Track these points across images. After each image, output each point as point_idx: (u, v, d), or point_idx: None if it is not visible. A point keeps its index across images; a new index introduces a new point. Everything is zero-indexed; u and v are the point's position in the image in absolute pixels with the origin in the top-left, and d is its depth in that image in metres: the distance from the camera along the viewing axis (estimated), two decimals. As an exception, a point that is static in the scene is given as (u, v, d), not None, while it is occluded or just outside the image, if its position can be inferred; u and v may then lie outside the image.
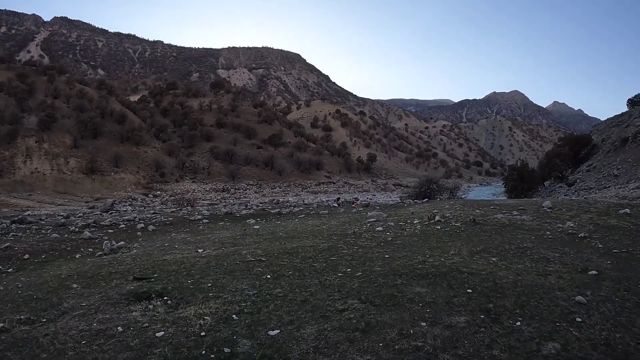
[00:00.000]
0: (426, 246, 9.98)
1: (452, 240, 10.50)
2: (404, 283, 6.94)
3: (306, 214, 20.19)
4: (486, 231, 11.47)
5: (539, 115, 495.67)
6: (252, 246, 10.93)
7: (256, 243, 11.48)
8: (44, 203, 51.68)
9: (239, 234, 14.04)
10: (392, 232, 12.16)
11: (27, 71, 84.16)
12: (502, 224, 12.28)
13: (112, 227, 17.28)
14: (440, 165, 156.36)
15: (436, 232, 11.74)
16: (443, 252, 9.06)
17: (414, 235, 11.52)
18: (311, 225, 14.92)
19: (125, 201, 54.47)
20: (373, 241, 10.97)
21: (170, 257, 10.00)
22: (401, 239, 11.19)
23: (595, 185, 33.56)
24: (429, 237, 11.09)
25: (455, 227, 12.11)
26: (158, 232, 16.05)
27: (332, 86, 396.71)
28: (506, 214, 13.64)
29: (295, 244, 10.81)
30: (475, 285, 6.67)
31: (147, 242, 13.76)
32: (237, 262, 8.77)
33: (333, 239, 11.34)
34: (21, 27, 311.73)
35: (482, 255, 8.69)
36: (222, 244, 11.74)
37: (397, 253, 9.29)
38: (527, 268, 7.75)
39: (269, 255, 9.41)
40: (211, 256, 9.63)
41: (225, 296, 6.66)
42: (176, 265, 8.82)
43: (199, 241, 12.82)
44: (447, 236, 11.08)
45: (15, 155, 59.81)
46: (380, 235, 11.70)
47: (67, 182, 59.20)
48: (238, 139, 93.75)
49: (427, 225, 12.72)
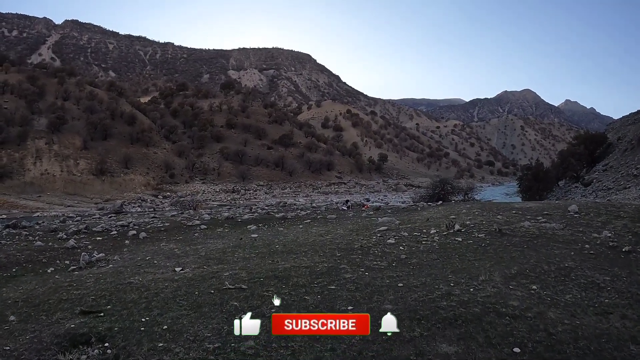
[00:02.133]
0: (448, 267, 8.33)
1: (479, 259, 8.82)
2: (424, 335, 5.27)
3: (312, 219, 18.56)
4: (516, 245, 9.81)
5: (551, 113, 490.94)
6: (239, 264, 9.32)
7: (245, 260, 9.86)
8: (54, 204, 51.60)
9: (232, 244, 12.49)
10: (407, 246, 10.34)
11: (38, 73, 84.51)
12: (532, 235, 10.67)
13: (103, 233, 16.37)
14: (452, 165, 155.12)
15: (457, 246, 10.03)
16: (471, 278, 7.41)
17: (432, 251, 9.75)
18: (315, 234, 13.26)
19: (134, 202, 54.21)
20: (383, 260, 9.10)
21: (139, 278, 8.51)
22: (417, 256, 9.37)
23: (614, 185, 32.61)
24: (450, 254, 9.33)
25: (479, 240, 10.44)
26: (148, 241, 14.74)
27: (343, 86, 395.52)
28: (532, 222, 12.07)
29: (289, 262, 9.12)
30: (523, 339, 5.08)
31: (129, 253, 12.53)
32: (212, 291, 7.14)
33: (336, 256, 9.49)
34: (32, 31, 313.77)
35: (519, 282, 7.16)
36: (207, 260, 10.24)
37: (414, 279, 7.58)
38: (578, 301, 6.33)
39: (253, 280, 7.71)
40: (185, 279, 8.08)
41: (177, 350, 5.15)
42: (139, 292, 7.35)
43: (184, 254, 11.51)
44: (471, 252, 9.42)
45: (25, 157, 59.88)
46: (393, 251, 9.91)
47: (77, 184, 59.14)
48: (248, 139, 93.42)
49: (446, 237, 11.02)
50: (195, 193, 64.15)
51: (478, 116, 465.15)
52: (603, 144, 50.97)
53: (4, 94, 71.67)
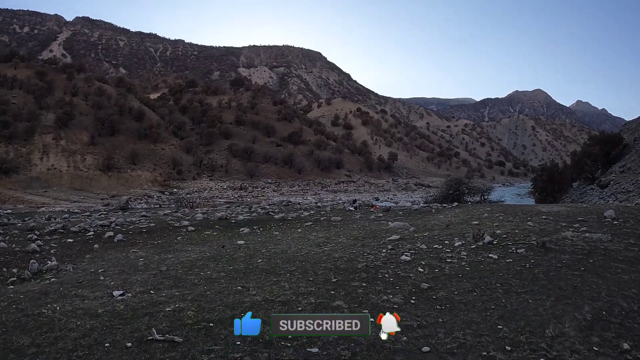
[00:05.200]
0: (493, 308, 5.92)
1: (531, 291, 6.51)
2: None
3: (314, 221, 16.70)
4: (569, 266, 7.67)
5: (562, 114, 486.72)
6: (196, 291, 7.09)
7: (208, 283, 7.62)
8: (59, 200, 51.13)
9: (209, 254, 10.61)
10: (427, 267, 7.95)
11: (47, 69, 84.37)
12: (582, 250, 8.65)
13: (79, 234, 14.80)
14: (462, 164, 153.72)
15: (495, 267, 7.76)
16: (532, 332, 5.15)
17: (462, 276, 7.33)
18: (312, 243, 11.16)
19: (140, 199, 53.70)
20: (397, 291, 6.66)
21: (56, 307, 6.56)
22: (444, 284, 6.96)
23: (635, 188, 31.39)
24: (489, 282, 6.98)
25: (520, 257, 8.26)
26: (120, 245, 13.03)
27: (353, 84, 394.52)
28: (573, 231, 10.25)
29: (263, 291, 6.84)
30: None
31: (88, 262, 10.69)
32: (129, 344, 4.96)
33: (330, 283, 7.17)
34: (43, 27, 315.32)
35: (602, 337, 5.07)
36: (162, 280, 8.08)
37: (445, 334, 5.15)
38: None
39: (198, 325, 5.48)
40: (111, 314, 6.05)
41: None
42: (35, 334, 5.41)
43: (144, 267, 9.47)
44: (516, 278, 7.12)
45: (32, 152, 59.50)
46: (409, 274, 7.52)
47: (84, 179, 58.67)
48: (257, 136, 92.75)
49: (476, 252, 8.79)
50: (202, 190, 63.55)
51: (489, 116, 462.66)
52: (619, 144, 49.70)
53: (13, 89, 71.40)
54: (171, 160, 71.31)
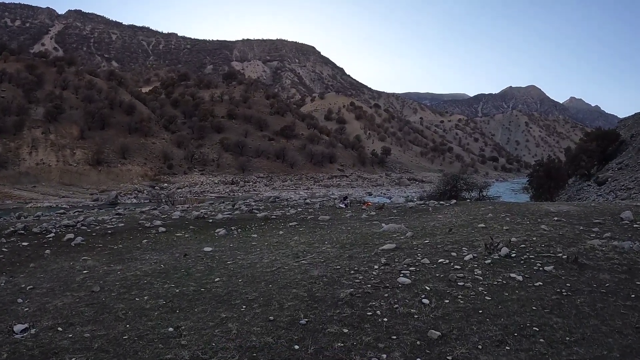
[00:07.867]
0: None
1: (584, 340, 4.59)
2: None
3: (300, 221, 15.13)
4: (617, 293, 5.83)
5: (556, 110, 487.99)
6: (110, 334, 5.15)
7: (136, 318, 5.67)
8: (48, 195, 50.27)
9: (164, 266, 8.76)
10: (434, 297, 5.91)
11: (37, 62, 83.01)
12: (622, 267, 6.86)
13: (38, 236, 13.03)
14: (456, 159, 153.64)
15: (525, 297, 5.76)
16: None
17: (483, 312, 5.32)
18: (288, 253, 9.25)
19: (130, 193, 52.89)
20: (394, 342, 4.69)
21: None
22: (460, 330, 4.92)
23: (635, 185, 30.92)
24: (522, 326, 4.92)
25: (552, 279, 6.39)
26: (74, 251, 11.27)
27: (347, 79, 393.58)
28: (596, 237, 8.75)
29: (195, 343, 4.79)
30: None
31: (26, 275, 8.86)
32: None
33: (297, 326, 5.15)
34: (35, 21, 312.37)
35: None
36: (86, 307, 6.22)
37: None
38: None
39: None
40: None
41: None
42: None
43: (79, 284, 7.63)
44: (557, 316, 5.16)
45: (21, 147, 58.52)
46: (409, 310, 5.51)
47: (73, 174, 57.80)
48: (249, 130, 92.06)
49: (494, 270, 6.90)
50: (193, 184, 62.78)
51: (482, 111, 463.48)
52: (616, 141, 49.34)
53: (2, 83, 70.21)
54: (162, 155, 70.46)
